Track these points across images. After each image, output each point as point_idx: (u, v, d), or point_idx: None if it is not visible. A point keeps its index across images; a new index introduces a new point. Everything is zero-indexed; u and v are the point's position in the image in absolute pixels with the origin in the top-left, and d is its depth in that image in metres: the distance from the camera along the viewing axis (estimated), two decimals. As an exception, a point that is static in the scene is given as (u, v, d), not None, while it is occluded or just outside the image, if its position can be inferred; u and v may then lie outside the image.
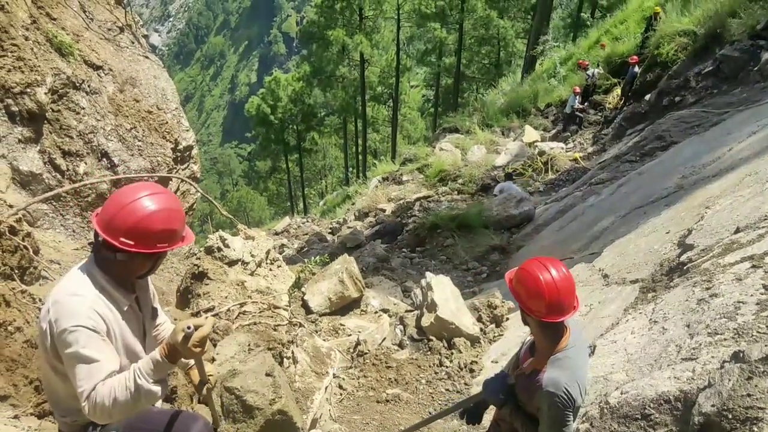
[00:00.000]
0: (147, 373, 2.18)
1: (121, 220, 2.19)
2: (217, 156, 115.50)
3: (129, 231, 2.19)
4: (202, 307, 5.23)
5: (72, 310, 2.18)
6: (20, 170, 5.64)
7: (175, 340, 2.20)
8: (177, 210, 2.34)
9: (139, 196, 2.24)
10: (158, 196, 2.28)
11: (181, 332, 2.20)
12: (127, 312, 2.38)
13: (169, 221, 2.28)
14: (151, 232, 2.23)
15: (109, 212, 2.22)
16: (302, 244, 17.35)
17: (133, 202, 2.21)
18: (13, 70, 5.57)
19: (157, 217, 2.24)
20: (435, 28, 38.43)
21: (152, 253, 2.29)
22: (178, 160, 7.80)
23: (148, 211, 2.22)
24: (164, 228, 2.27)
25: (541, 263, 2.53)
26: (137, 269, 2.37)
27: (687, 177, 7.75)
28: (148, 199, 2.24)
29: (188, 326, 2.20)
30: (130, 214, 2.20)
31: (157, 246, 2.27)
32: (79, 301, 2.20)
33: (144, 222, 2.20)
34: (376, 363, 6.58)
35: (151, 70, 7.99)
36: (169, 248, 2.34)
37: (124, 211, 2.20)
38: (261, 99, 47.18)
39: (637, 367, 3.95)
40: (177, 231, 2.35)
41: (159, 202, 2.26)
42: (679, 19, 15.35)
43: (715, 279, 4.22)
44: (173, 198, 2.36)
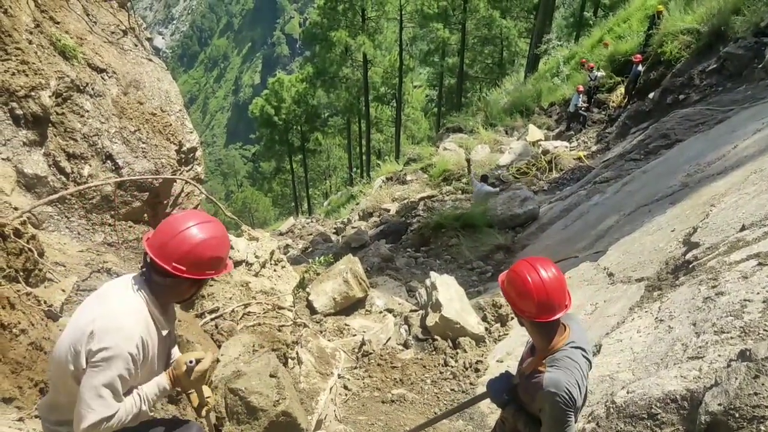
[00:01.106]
0: (152, 398, 2.37)
1: (174, 246, 2.29)
2: (221, 157, 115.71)
3: (182, 257, 2.29)
4: (206, 309, 5.23)
5: (125, 332, 2.23)
6: (25, 173, 5.65)
7: (179, 372, 2.40)
8: (224, 238, 2.46)
9: (191, 224, 2.35)
10: (208, 225, 2.39)
11: (183, 365, 2.40)
12: (164, 337, 2.46)
13: (219, 249, 2.40)
14: (203, 259, 2.34)
15: (163, 238, 2.32)
16: (307, 245, 17.36)
17: (185, 230, 2.32)
18: (17, 74, 5.58)
19: (208, 244, 2.35)
20: (438, 28, 38.35)
21: (199, 279, 2.39)
22: (183, 162, 7.81)
23: (200, 239, 2.33)
24: (214, 255, 2.38)
25: (530, 264, 2.54)
26: (182, 294, 2.48)
27: (692, 175, 7.72)
28: (199, 228, 2.35)
29: (190, 360, 2.40)
30: (183, 241, 2.30)
31: (206, 273, 2.38)
32: (133, 325, 2.27)
33: (197, 249, 2.31)
34: (381, 363, 6.57)
35: (155, 72, 7.99)
36: (215, 275, 2.45)
37: (177, 238, 2.31)
38: (265, 100, 47.22)
39: (643, 366, 3.93)
40: (223, 258, 2.46)
41: (210, 231, 2.37)
42: (682, 17, 15.31)
43: (721, 277, 4.20)
44: (220, 226, 2.46)
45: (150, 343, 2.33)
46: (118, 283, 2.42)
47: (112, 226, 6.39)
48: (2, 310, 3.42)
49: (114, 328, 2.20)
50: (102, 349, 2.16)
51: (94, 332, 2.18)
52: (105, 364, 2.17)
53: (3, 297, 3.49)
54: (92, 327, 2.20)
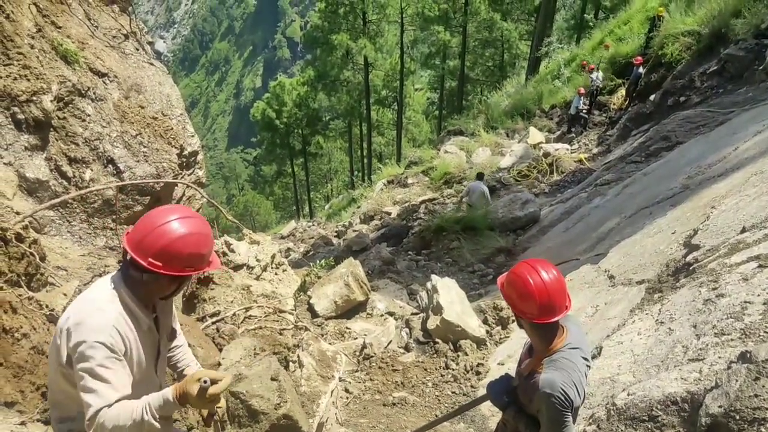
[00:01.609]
0: (155, 408, 2.20)
1: (151, 241, 2.22)
2: (222, 161, 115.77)
3: (158, 253, 2.22)
4: (207, 312, 5.24)
5: (94, 323, 2.20)
6: (27, 177, 5.67)
7: (190, 390, 2.20)
8: (206, 235, 2.36)
9: (170, 219, 2.27)
10: (189, 220, 2.30)
11: (196, 383, 2.20)
12: (146, 332, 2.41)
13: (198, 245, 2.31)
14: (180, 255, 2.25)
15: (141, 233, 2.25)
16: (308, 248, 17.37)
17: (164, 224, 2.24)
18: (19, 78, 5.61)
19: (187, 240, 2.26)
20: (438, 31, 38.43)
21: (178, 276, 2.31)
22: (184, 166, 7.82)
23: (178, 235, 2.24)
24: (192, 252, 2.29)
25: (531, 266, 2.54)
26: (162, 290, 2.39)
27: (692, 177, 7.72)
28: (179, 223, 2.26)
29: (205, 380, 2.20)
30: (160, 236, 2.23)
31: (185, 270, 2.29)
32: (102, 317, 2.22)
33: (174, 245, 2.23)
34: (383, 366, 6.57)
35: (156, 76, 8.02)
36: (195, 272, 2.37)
37: (155, 232, 2.23)
38: (266, 104, 47.30)
39: (644, 368, 3.94)
40: (204, 256, 2.37)
41: (189, 227, 2.28)
42: (683, 19, 15.32)
43: (722, 279, 4.20)
44: (203, 222, 2.38)
45: (129, 336, 2.28)
46: (98, 281, 2.40)
47: (113, 230, 6.40)
48: (4, 314, 3.43)
49: (84, 322, 2.18)
50: (78, 344, 2.15)
51: (69, 329, 2.19)
52: (84, 357, 2.15)
53: (5, 301, 3.50)
54: (67, 324, 2.20)
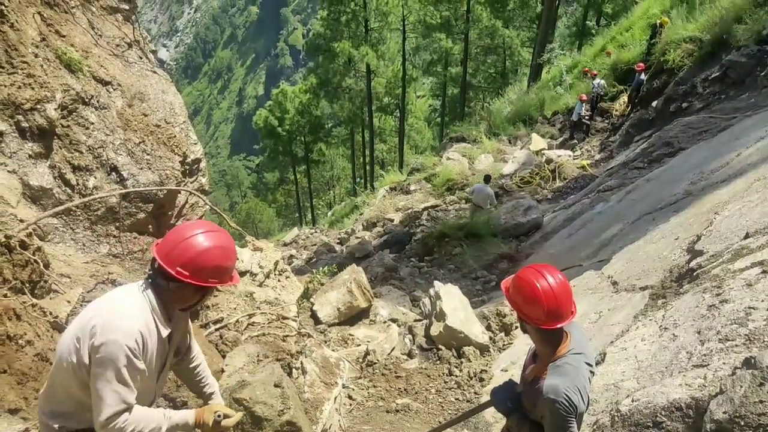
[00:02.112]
0: (175, 424, 2.50)
1: (180, 252, 2.35)
2: (225, 168, 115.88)
3: (186, 263, 2.34)
4: (210, 319, 5.24)
5: (124, 327, 2.28)
6: (31, 185, 5.68)
7: (207, 420, 2.61)
8: (231, 249, 2.51)
9: (198, 232, 2.41)
10: (216, 234, 2.45)
11: (212, 415, 2.63)
12: (162, 342, 2.49)
13: (223, 259, 2.44)
14: (206, 266, 2.38)
15: (170, 244, 2.38)
16: (311, 255, 17.38)
17: (192, 236, 2.39)
18: (23, 87, 5.63)
19: (214, 253, 2.40)
20: (440, 38, 38.56)
21: (203, 287, 2.43)
22: (187, 173, 7.84)
23: (205, 247, 2.38)
24: (218, 264, 2.42)
25: (537, 270, 2.54)
26: (186, 300, 2.51)
27: (695, 183, 7.72)
28: (207, 236, 2.41)
29: (219, 414, 2.64)
30: (188, 247, 2.36)
31: (209, 280, 2.41)
32: (131, 321, 2.31)
33: (201, 256, 2.36)
34: (386, 373, 6.56)
35: (159, 84, 8.04)
36: (219, 284, 2.49)
37: (184, 244, 2.36)
38: (269, 111, 47.41)
39: (648, 374, 3.93)
40: (228, 269, 2.50)
41: (216, 240, 2.42)
42: (684, 25, 15.36)
43: (725, 285, 4.19)
44: (228, 237, 2.51)
45: (149, 341, 2.37)
46: (126, 286, 2.51)
47: (116, 237, 6.41)
48: (8, 321, 3.44)
49: (115, 324, 2.26)
50: (103, 344, 2.22)
51: (96, 327, 2.25)
52: (108, 358, 2.22)
53: (9, 308, 3.51)
54: (95, 322, 2.27)
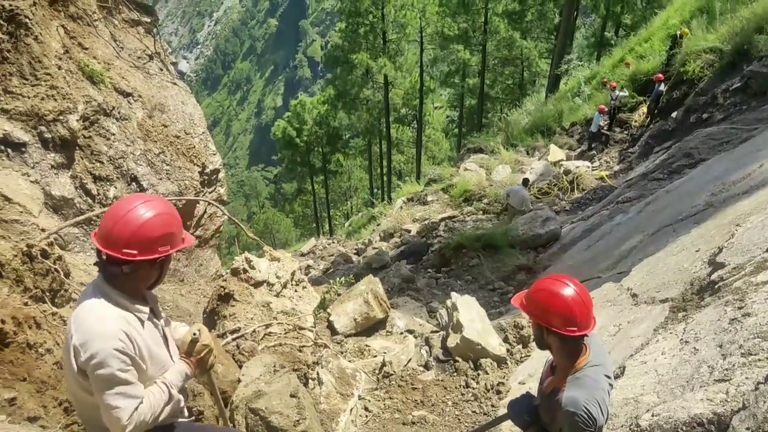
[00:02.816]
0: (177, 384, 2.43)
1: (119, 231, 2.25)
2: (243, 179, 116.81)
3: (129, 241, 2.24)
4: (227, 329, 5.26)
5: (100, 333, 2.23)
6: (53, 195, 5.77)
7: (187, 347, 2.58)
8: (171, 213, 2.40)
9: (133, 206, 2.30)
10: (150, 203, 2.34)
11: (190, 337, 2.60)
12: (147, 323, 2.45)
13: (166, 225, 2.35)
14: (151, 237, 2.29)
15: (107, 227, 2.27)
16: (328, 266, 17.40)
17: (127, 212, 2.27)
18: (46, 99, 5.73)
19: (154, 222, 2.30)
20: (458, 49, 38.63)
21: (155, 259, 2.34)
22: (206, 183, 7.92)
23: (144, 219, 2.28)
24: (163, 232, 2.33)
25: (557, 280, 2.54)
26: (146, 278, 2.43)
27: (716, 194, 7.62)
28: (142, 207, 2.30)
29: (195, 333, 2.60)
30: (127, 224, 2.25)
31: (159, 250, 2.32)
32: (104, 324, 2.26)
33: (142, 229, 2.27)
34: (402, 384, 6.53)
35: (179, 96, 8.15)
36: (171, 250, 2.39)
37: (121, 222, 2.26)
38: (287, 122, 47.74)
39: (669, 388, 3.86)
40: (175, 234, 2.41)
41: (153, 208, 2.32)
42: (704, 36, 15.24)
43: (748, 298, 4.12)
44: (165, 202, 2.42)
45: (134, 334, 2.33)
46: (84, 293, 2.41)
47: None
48: (29, 329, 3.48)
49: (90, 335, 2.22)
50: (90, 358, 2.20)
51: (77, 346, 2.22)
52: (100, 367, 2.19)
53: (29, 317, 3.56)
54: (73, 342, 2.23)
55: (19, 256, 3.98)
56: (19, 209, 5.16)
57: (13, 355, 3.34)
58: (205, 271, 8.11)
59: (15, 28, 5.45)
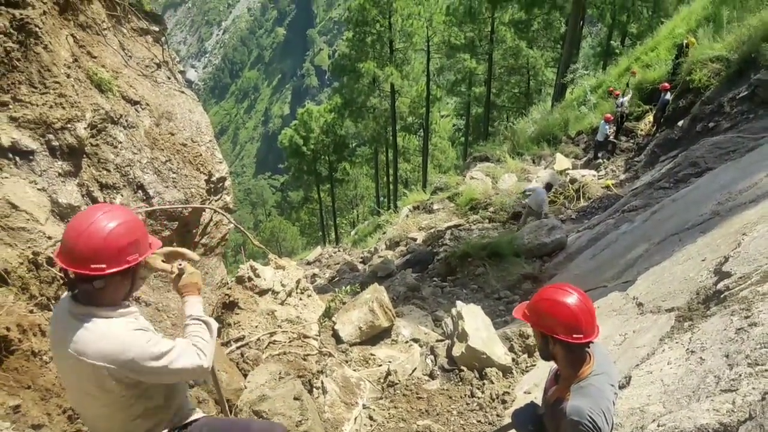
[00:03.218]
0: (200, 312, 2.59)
1: (83, 246, 2.16)
2: (250, 187, 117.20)
3: (96, 254, 2.16)
4: (232, 337, 5.26)
5: (125, 342, 2.24)
6: (59, 203, 5.79)
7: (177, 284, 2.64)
8: (134, 220, 2.33)
9: (94, 218, 2.21)
10: (110, 212, 2.27)
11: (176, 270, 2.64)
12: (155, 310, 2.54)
13: (131, 232, 2.28)
14: (118, 247, 2.22)
15: (69, 243, 2.17)
16: (334, 274, 17.41)
17: (90, 225, 2.18)
18: (54, 107, 5.77)
19: (118, 231, 2.22)
20: (465, 58, 38.77)
21: (125, 270, 2.27)
22: (212, 192, 7.93)
23: (108, 229, 2.19)
24: (129, 240, 2.26)
25: (559, 288, 2.54)
26: (118, 290, 2.35)
27: (722, 203, 7.59)
28: (103, 218, 2.22)
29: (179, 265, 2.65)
30: (90, 237, 2.16)
31: (128, 260, 2.26)
32: (118, 336, 2.25)
33: (108, 241, 2.18)
34: (407, 393, 6.51)
35: (187, 104, 8.18)
36: (140, 258, 2.33)
37: (84, 236, 2.16)
38: (294, 131, 47.88)
39: (675, 398, 3.84)
40: (141, 240, 2.34)
41: (114, 218, 2.24)
42: (711, 45, 15.22)
43: (754, 307, 4.10)
44: (125, 210, 2.36)
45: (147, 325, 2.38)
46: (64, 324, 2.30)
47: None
48: (33, 337, 3.50)
49: (117, 351, 2.22)
50: (130, 365, 2.22)
51: (110, 368, 2.22)
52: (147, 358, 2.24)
53: (34, 324, 3.57)
54: (105, 365, 2.21)
55: (25, 263, 4.01)
56: (26, 217, 5.18)
57: (18, 362, 3.35)
58: (211, 279, 8.11)
59: (25, 37, 5.49)
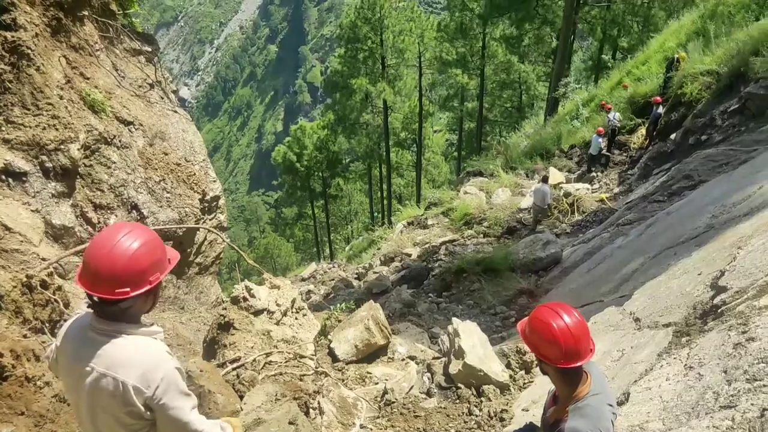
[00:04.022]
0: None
1: (107, 271, 2.13)
2: (244, 204, 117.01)
3: (119, 279, 2.15)
4: (228, 358, 5.22)
5: (154, 360, 2.26)
6: (53, 224, 5.77)
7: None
8: (155, 239, 2.30)
9: (116, 240, 2.18)
10: (132, 233, 2.23)
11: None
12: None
13: (153, 252, 2.26)
14: (141, 270, 2.20)
15: (92, 267, 2.15)
16: (329, 290, 17.35)
17: (112, 248, 2.16)
18: (48, 128, 5.76)
19: (141, 252, 2.20)
20: (456, 74, 39.03)
21: (149, 291, 2.28)
22: (206, 210, 7.92)
23: (131, 251, 2.17)
24: (151, 261, 2.24)
25: (552, 310, 2.52)
26: (141, 309, 2.36)
27: (717, 216, 7.61)
28: (125, 239, 2.19)
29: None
30: (114, 261, 2.14)
31: (150, 281, 2.25)
32: (150, 351, 2.28)
33: (131, 264, 2.17)
34: (404, 412, 6.45)
35: (180, 123, 8.19)
36: (161, 276, 2.32)
37: (106, 260, 2.14)
38: (287, 147, 47.99)
39: (674, 415, 3.82)
40: (162, 259, 2.33)
41: (136, 237, 2.22)
42: (701, 59, 15.37)
43: (751, 322, 4.09)
44: (145, 228, 2.33)
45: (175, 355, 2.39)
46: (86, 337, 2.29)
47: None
48: (27, 362, 3.45)
49: (147, 367, 2.22)
50: (158, 387, 2.21)
51: (136, 387, 2.19)
52: (174, 389, 2.24)
53: (28, 349, 3.53)
54: (130, 383, 2.19)
55: (19, 286, 3.97)
56: (19, 239, 5.15)
57: (11, 388, 3.31)
58: (206, 299, 8.07)
59: (17, 59, 5.50)
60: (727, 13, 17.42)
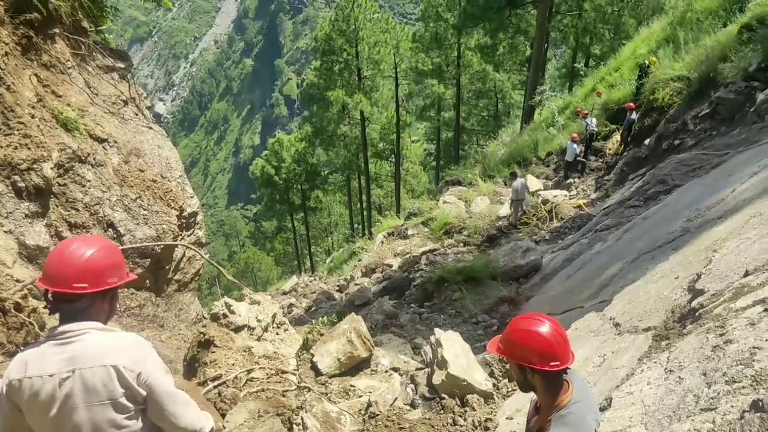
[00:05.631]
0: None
1: (66, 267, 2.26)
2: (223, 218, 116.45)
3: (78, 274, 2.26)
4: (209, 376, 5.15)
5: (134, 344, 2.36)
6: (27, 245, 5.66)
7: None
8: (112, 246, 2.46)
9: (73, 245, 2.33)
10: (88, 240, 2.38)
11: None
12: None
13: (110, 256, 2.38)
14: (99, 268, 2.31)
15: (52, 267, 2.27)
16: (310, 303, 17.25)
17: (71, 250, 2.30)
18: (19, 148, 5.66)
19: (98, 254, 2.33)
20: (432, 84, 39.30)
21: (107, 290, 2.37)
22: (184, 227, 7.83)
23: (89, 253, 2.31)
24: (109, 263, 2.36)
25: (530, 318, 2.55)
26: (101, 314, 2.41)
27: (692, 220, 7.72)
28: (82, 245, 2.32)
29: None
30: (72, 259, 2.27)
31: (108, 282, 2.36)
32: (130, 337, 2.38)
33: (89, 262, 2.29)
34: (389, 425, 6.41)
35: (155, 140, 8.11)
36: (120, 282, 2.43)
37: (65, 259, 2.27)
38: (265, 161, 47.80)
39: (656, 419, 3.84)
40: (121, 264, 2.46)
41: (92, 244, 2.36)
42: (672, 65, 15.65)
43: (728, 324, 4.14)
44: (102, 238, 2.52)
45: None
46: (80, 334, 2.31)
47: (113, 294, 6.34)
48: (1, 387, 3.37)
49: (132, 351, 2.30)
50: (148, 368, 2.31)
51: (123, 367, 2.25)
52: (164, 372, 2.37)
53: (2, 374, 3.45)
54: (120, 363, 2.25)
55: (-9, 310, 3.89)
56: (-9, 261, 5.05)
57: (-15, 415, 3.22)
58: (185, 316, 7.96)
59: (-14, 79, 5.41)
60: (695, 20, 17.79)
